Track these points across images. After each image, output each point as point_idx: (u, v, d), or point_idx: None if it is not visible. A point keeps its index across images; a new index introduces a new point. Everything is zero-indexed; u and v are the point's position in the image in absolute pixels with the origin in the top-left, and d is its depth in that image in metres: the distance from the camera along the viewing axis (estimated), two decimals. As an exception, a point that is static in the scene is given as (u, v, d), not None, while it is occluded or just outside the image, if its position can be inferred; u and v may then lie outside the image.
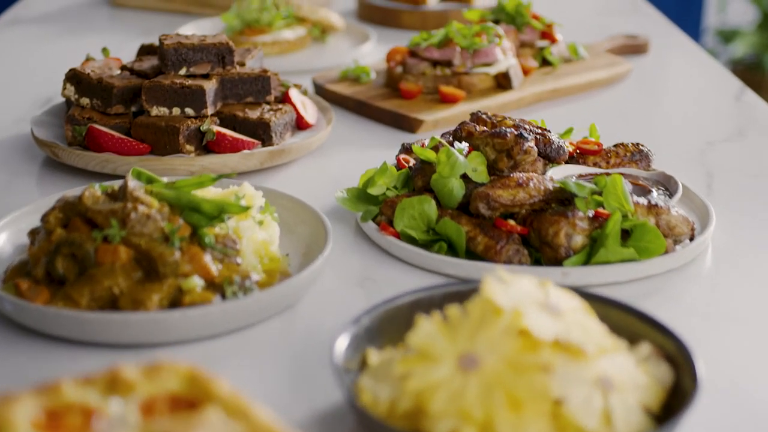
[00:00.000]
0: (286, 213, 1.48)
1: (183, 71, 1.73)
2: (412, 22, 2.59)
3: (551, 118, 1.99)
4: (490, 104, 1.98)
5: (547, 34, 2.24)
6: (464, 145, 1.50)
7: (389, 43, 2.48)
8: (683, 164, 1.79)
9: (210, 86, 1.70)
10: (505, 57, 2.06)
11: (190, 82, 1.69)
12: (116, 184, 1.38)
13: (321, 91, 2.07)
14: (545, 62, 2.21)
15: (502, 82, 2.05)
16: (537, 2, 2.64)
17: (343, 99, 2.02)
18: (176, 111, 1.69)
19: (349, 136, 1.89)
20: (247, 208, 1.33)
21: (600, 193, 1.42)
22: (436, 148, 1.52)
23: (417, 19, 2.59)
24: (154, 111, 1.69)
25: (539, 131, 1.61)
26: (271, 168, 1.73)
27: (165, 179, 1.42)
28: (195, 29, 2.46)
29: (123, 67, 1.80)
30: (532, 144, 1.49)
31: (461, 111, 1.94)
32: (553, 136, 1.60)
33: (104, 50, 1.89)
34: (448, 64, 2.02)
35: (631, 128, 1.98)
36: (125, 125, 1.70)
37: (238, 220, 1.36)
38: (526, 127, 1.59)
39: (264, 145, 1.72)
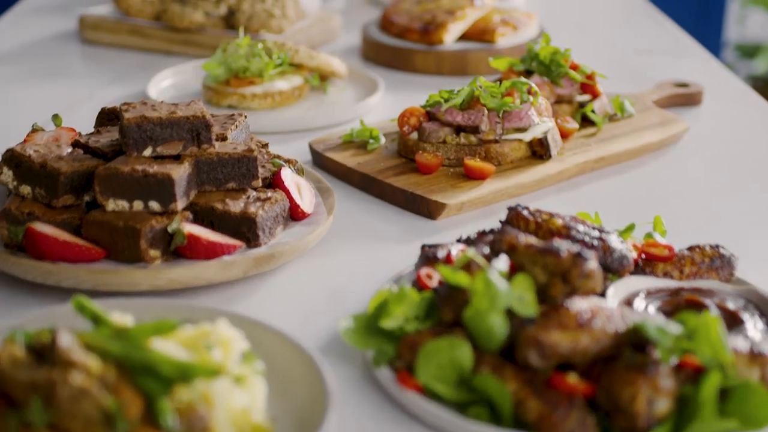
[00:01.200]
0: (274, 359, 1.13)
1: (148, 152, 1.39)
2: (425, 65, 2.25)
3: (599, 195, 1.65)
4: (526, 180, 1.64)
5: (588, 87, 1.89)
6: (504, 261, 1.16)
7: (400, 90, 2.13)
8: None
9: (181, 173, 1.36)
10: (540, 119, 1.71)
11: (155, 168, 1.35)
12: (50, 324, 1.04)
13: (320, 161, 1.73)
14: (585, 119, 1.87)
15: (539, 150, 1.71)
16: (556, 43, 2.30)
17: (346, 172, 1.68)
18: (138, 205, 1.35)
19: (355, 225, 1.55)
20: (218, 371, 0.99)
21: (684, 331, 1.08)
22: (468, 268, 1.18)
23: (431, 61, 2.24)
24: (111, 205, 1.35)
25: (597, 234, 1.27)
26: (257, 275, 1.38)
27: (117, 314, 1.09)
28: (173, 77, 2.11)
29: (75, 143, 1.46)
30: (593, 265, 1.14)
31: (490, 190, 1.60)
32: (613, 240, 1.27)
33: (55, 118, 1.54)
34: (474, 130, 1.67)
35: (693, 206, 1.63)
36: (75, 221, 1.36)
37: (209, 380, 1.02)
38: (584, 236, 1.25)
39: (249, 245, 1.37)
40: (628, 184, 1.71)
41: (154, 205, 1.35)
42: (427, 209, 1.56)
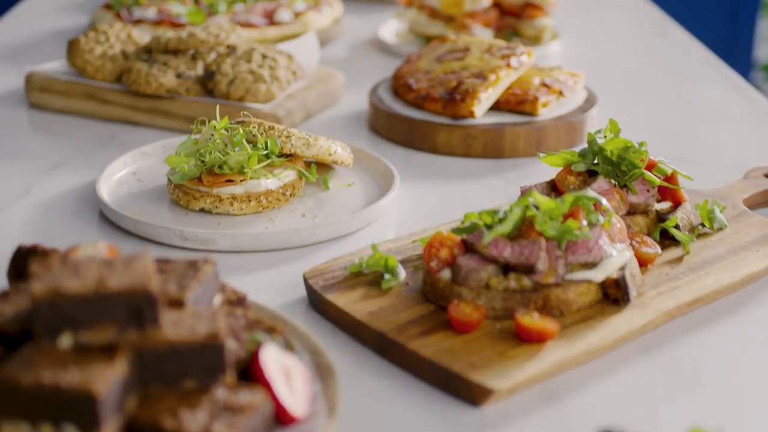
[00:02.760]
0: None
1: (66, 340, 0.95)
2: (450, 143, 1.80)
3: (699, 355, 1.20)
4: (600, 340, 1.19)
5: (667, 192, 1.45)
6: None
7: (418, 178, 1.69)
8: None
9: (110, 382, 0.91)
10: (615, 249, 1.27)
11: (71, 377, 0.90)
12: None
13: (318, 304, 1.29)
14: (664, 234, 1.43)
15: (613, 293, 1.26)
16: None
17: (353, 325, 1.24)
18: (47, 430, 0.91)
19: (367, 416, 1.10)
20: None
21: None
22: None
23: (458, 138, 1.79)
24: (7, 429, 0.91)
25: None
26: None
27: None
28: (133, 163, 1.67)
29: (-31, 315, 1.02)
30: None
31: (553, 362, 1.15)
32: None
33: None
34: (529, 269, 1.23)
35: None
36: (-45, 449, 0.91)
37: None
38: None
39: (212, 484, 0.93)
40: (732, 333, 1.27)
41: (70, 430, 0.90)
42: (469, 392, 1.12)
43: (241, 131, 1.53)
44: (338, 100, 2.06)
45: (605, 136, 1.46)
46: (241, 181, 1.51)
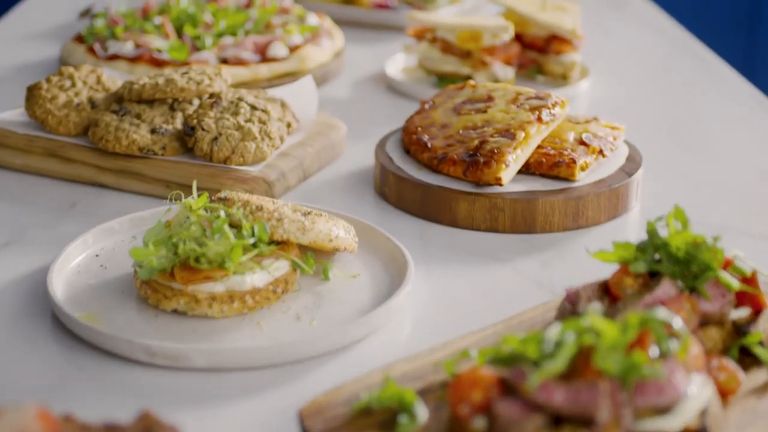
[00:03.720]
0: None
1: None
2: (472, 215, 1.53)
3: None
4: None
5: (747, 297, 1.18)
6: None
7: (436, 257, 1.42)
8: None
9: None
10: (692, 385, 1.00)
11: None
12: None
13: (316, 455, 1.02)
14: (743, 351, 1.16)
15: (692, 446, 0.99)
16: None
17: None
18: None
19: None
20: None
21: None
22: None
23: (482, 209, 1.52)
24: None
25: None
26: None
27: None
28: (94, 244, 1.39)
29: None
30: None
31: None
32: None
33: None
34: (587, 420, 0.96)
35: None
36: None
37: None
38: None
39: None
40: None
41: None
42: None
43: (222, 215, 1.26)
44: (340, 155, 1.78)
45: (668, 224, 1.19)
46: (221, 277, 1.24)
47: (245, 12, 2.23)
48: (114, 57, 2.08)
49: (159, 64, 2.03)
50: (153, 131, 1.63)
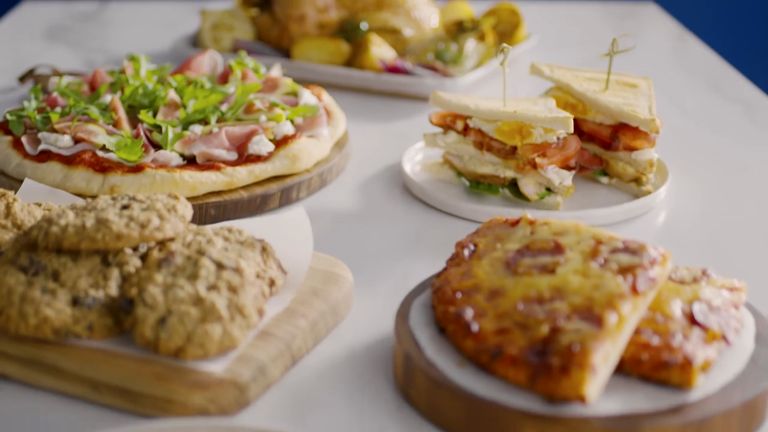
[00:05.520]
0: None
1: None
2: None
3: None
4: None
5: None
6: None
7: None
8: None
9: None
10: None
11: None
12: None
13: None
14: None
15: None
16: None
17: None
18: None
19: None
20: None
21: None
22: None
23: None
24: None
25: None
26: None
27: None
28: None
29: None
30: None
31: None
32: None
33: None
34: None
35: None
36: None
37: None
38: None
39: None
40: None
41: None
42: None
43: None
44: (343, 318, 1.28)
45: None
46: None
47: (221, 91, 1.72)
48: (45, 156, 1.58)
49: (103, 168, 1.53)
50: (75, 302, 1.13)
